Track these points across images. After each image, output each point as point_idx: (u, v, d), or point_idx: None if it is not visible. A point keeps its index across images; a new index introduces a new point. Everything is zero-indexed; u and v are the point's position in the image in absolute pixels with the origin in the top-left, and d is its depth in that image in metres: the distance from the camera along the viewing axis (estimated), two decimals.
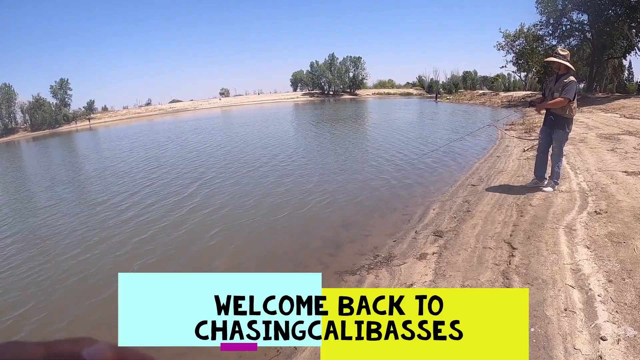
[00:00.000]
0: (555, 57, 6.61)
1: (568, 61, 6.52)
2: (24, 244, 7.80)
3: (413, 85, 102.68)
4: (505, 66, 53.59)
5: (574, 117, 6.72)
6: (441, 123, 24.74)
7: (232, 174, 12.45)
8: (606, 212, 5.50)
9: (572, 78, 6.45)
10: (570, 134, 6.81)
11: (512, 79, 73.48)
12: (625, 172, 7.44)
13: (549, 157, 6.96)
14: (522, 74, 58.03)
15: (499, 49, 46.80)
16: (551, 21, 39.02)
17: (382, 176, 10.41)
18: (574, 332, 3.09)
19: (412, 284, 4.37)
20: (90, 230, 8.13)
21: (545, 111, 6.98)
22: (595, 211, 5.57)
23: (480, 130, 15.62)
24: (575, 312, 3.33)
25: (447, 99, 57.78)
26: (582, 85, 43.21)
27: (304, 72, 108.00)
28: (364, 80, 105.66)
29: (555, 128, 6.72)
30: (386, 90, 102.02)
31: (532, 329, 3.18)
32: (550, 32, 40.31)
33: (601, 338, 2.99)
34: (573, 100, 6.43)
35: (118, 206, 9.88)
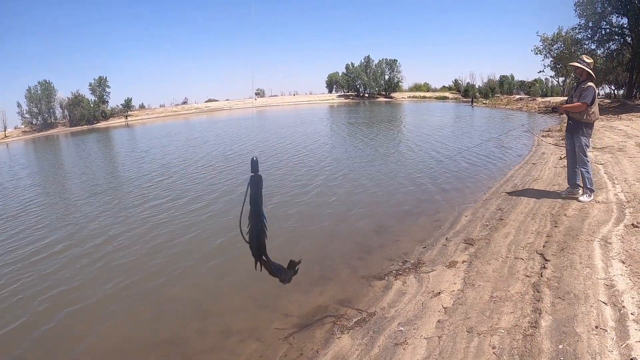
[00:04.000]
0: (579, 62, 6.68)
1: (591, 69, 6.58)
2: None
3: (449, 88, 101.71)
4: (543, 70, 52.60)
5: (593, 122, 6.71)
6: (476, 128, 24.32)
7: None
8: None
9: (590, 84, 6.51)
10: (590, 139, 6.78)
11: (550, 83, 71.98)
12: None
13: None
14: (560, 79, 56.70)
15: (536, 53, 45.73)
16: (590, 24, 37.94)
17: (415, 181, 10.35)
18: (603, 352, 3.00)
19: (439, 293, 4.33)
20: None
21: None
22: (633, 224, 5.39)
23: (516, 137, 15.32)
24: (606, 330, 3.23)
25: (483, 103, 57.05)
26: (621, 92, 41.98)
27: (340, 74, 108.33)
28: (400, 83, 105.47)
29: (575, 133, 6.76)
30: (421, 94, 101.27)
31: (561, 346, 3.11)
32: (589, 35, 39.23)
33: (632, 359, 2.89)
34: (591, 105, 6.47)
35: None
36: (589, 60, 6.68)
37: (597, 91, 6.61)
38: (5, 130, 75.03)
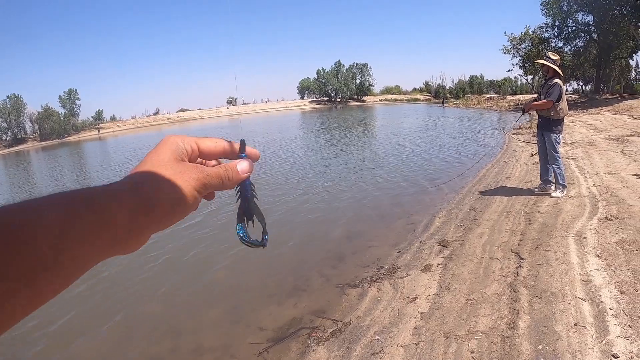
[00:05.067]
0: (545, 60, 6.75)
1: (557, 65, 6.66)
2: None
3: (420, 90, 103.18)
4: (512, 69, 53.42)
5: (563, 118, 6.75)
6: (448, 128, 24.56)
7: None
8: (617, 217, 5.34)
9: (556, 81, 6.59)
10: (561, 135, 6.82)
11: (519, 82, 73.37)
12: (636, 175, 7.27)
13: None
14: (529, 77, 57.75)
15: (505, 53, 46.70)
16: (556, 23, 38.98)
17: (387, 184, 10.23)
18: (584, 350, 2.92)
19: (415, 298, 4.21)
20: None
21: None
22: (606, 217, 5.40)
23: (487, 136, 15.41)
24: (585, 327, 3.17)
25: (454, 104, 57.90)
26: (589, 87, 42.99)
27: (311, 80, 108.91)
28: (371, 87, 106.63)
29: (545, 130, 6.79)
30: (393, 97, 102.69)
31: (540, 346, 3.02)
32: (556, 34, 40.27)
33: (613, 355, 2.83)
34: (558, 101, 6.51)
35: None
36: (555, 57, 6.75)
37: (564, 88, 6.62)
38: None
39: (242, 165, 0.60)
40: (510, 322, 3.40)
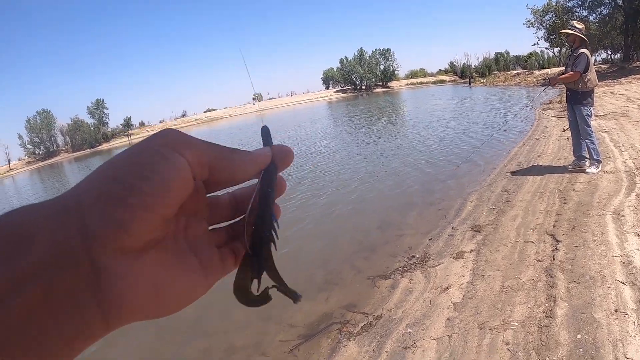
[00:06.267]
0: (570, 29, 6.48)
1: (582, 34, 6.38)
2: None
3: (445, 71, 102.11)
4: (537, 43, 52.02)
5: (592, 90, 6.44)
6: (475, 108, 24.01)
7: None
8: None
9: (582, 50, 6.28)
10: (592, 108, 6.52)
11: (546, 55, 71.67)
12: None
13: None
14: (556, 50, 56.11)
15: (528, 26, 45.59)
16: None
17: (416, 170, 10.05)
18: (625, 338, 2.78)
19: (448, 287, 4.09)
20: None
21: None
22: None
23: (517, 113, 14.98)
24: (627, 314, 3.01)
25: (481, 82, 57.00)
26: (618, 56, 41.57)
27: (335, 69, 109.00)
28: (395, 72, 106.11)
29: (574, 103, 6.53)
30: (418, 80, 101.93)
31: (579, 336, 2.88)
32: (580, 2, 39.02)
33: None
34: (585, 72, 6.22)
35: None
36: (579, 25, 6.47)
37: (590, 57, 6.33)
38: (9, 163, 76.05)
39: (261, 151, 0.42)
40: (547, 310, 3.27)
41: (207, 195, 0.40)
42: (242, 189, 0.43)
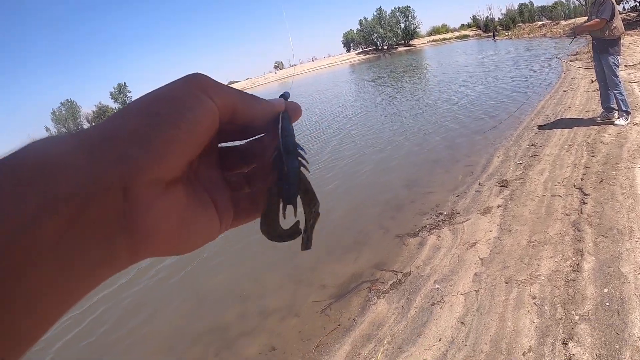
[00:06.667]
0: None
1: None
2: None
3: (469, 26, 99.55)
4: None
5: (619, 38, 6.23)
6: (501, 62, 23.31)
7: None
8: None
9: None
10: (619, 57, 6.30)
11: (572, 4, 68.87)
12: None
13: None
14: None
15: None
16: None
17: (442, 128, 9.94)
18: None
19: (475, 243, 4.15)
20: None
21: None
22: None
23: (543, 65, 14.57)
24: None
25: (506, 35, 55.54)
26: None
27: (355, 31, 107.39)
28: (417, 29, 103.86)
29: (601, 53, 6.34)
30: (441, 36, 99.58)
31: (606, 290, 2.92)
32: None
33: None
34: (611, 20, 5.99)
35: None
36: None
37: (616, 4, 6.10)
38: None
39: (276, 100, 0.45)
40: (574, 265, 3.31)
41: (220, 145, 0.43)
42: (252, 141, 0.45)
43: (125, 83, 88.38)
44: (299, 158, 0.43)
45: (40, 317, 0.27)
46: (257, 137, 0.45)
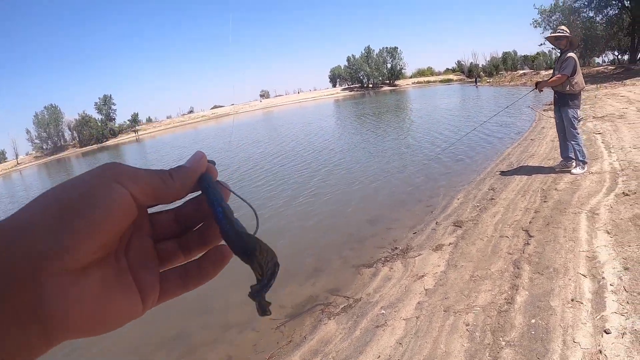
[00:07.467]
0: (559, 32, 6.75)
1: (568, 36, 6.67)
2: None
3: (453, 70, 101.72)
4: (544, 43, 51.58)
5: (579, 93, 6.67)
6: (478, 108, 24.07)
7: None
8: (635, 193, 5.27)
9: (570, 54, 6.55)
10: (579, 110, 6.72)
11: (553, 55, 71.27)
12: None
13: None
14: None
15: (535, 26, 44.99)
16: None
17: (414, 169, 10.30)
18: (576, 324, 3.03)
19: (423, 275, 4.39)
20: None
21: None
22: (624, 192, 5.35)
23: (518, 113, 15.13)
24: (582, 303, 3.26)
25: (488, 82, 56.90)
26: (625, 57, 41.28)
27: (342, 67, 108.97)
28: (403, 70, 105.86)
29: (561, 106, 6.75)
30: (425, 79, 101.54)
31: (533, 320, 3.15)
32: (586, 3, 38.73)
33: (605, 331, 2.90)
34: (572, 75, 6.45)
35: None
36: (566, 29, 6.79)
37: (578, 61, 6.55)
38: (17, 158, 76.71)
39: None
40: (508, 298, 3.54)
41: (150, 212, 0.43)
42: (185, 203, 0.45)
43: (110, 95, 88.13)
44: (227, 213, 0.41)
45: None
46: (190, 198, 0.45)
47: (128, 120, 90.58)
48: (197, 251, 0.45)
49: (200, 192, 0.43)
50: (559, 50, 6.87)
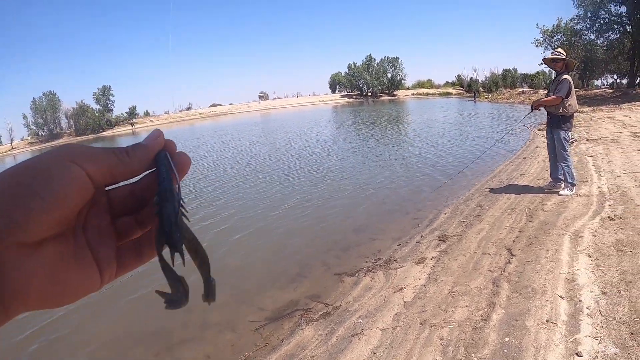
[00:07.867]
0: (556, 54, 6.83)
1: (564, 58, 6.74)
2: None
3: (452, 84, 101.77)
4: (543, 63, 51.88)
5: (572, 115, 6.74)
6: (475, 124, 24.13)
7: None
8: (620, 217, 5.32)
9: (565, 77, 6.61)
10: (570, 132, 6.82)
11: (553, 75, 71.44)
12: None
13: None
14: None
15: (537, 46, 45.31)
16: (589, 14, 37.89)
17: (400, 180, 10.38)
18: (549, 345, 3.05)
19: (403, 288, 4.41)
20: None
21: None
22: (609, 217, 5.39)
23: (513, 132, 15.18)
24: (557, 325, 3.29)
25: (486, 98, 56.87)
26: (625, 81, 41.64)
27: (342, 74, 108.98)
28: (402, 81, 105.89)
29: (553, 127, 6.82)
30: (425, 91, 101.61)
31: (507, 339, 3.18)
32: (589, 25, 39.16)
33: (576, 354, 2.92)
34: (567, 98, 6.53)
35: None
36: (563, 52, 6.85)
37: (572, 83, 6.63)
38: (12, 142, 76.23)
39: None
40: (484, 315, 3.57)
41: (108, 188, 0.43)
42: (140, 179, 0.45)
43: (110, 86, 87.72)
44: (178, 204, 0.42)
45: None
46: (146, 173, 0.45)
47: (125, 112, 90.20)
48: (152, 225, 0.46)
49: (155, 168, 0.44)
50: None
